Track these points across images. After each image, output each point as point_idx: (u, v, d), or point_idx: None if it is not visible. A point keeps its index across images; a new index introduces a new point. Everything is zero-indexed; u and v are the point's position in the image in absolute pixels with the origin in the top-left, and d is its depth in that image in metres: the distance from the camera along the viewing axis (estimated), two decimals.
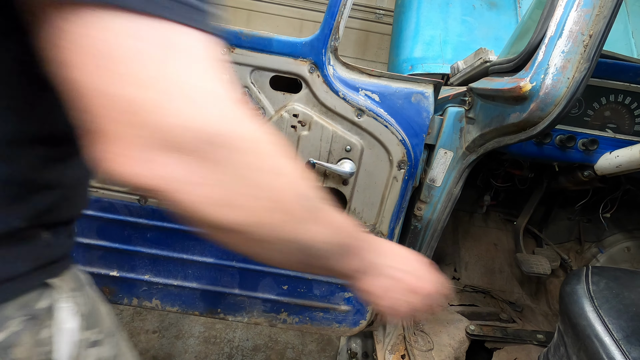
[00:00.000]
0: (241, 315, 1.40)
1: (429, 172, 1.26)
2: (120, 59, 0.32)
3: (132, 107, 0.32)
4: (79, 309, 0.55)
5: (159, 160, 0.33)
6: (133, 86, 0.32)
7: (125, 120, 0.32)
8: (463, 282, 1.87)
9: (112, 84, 0.31)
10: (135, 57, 0.32)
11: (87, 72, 0.32)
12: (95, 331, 0.59)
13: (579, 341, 0.94)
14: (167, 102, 0.32)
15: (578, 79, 0.90)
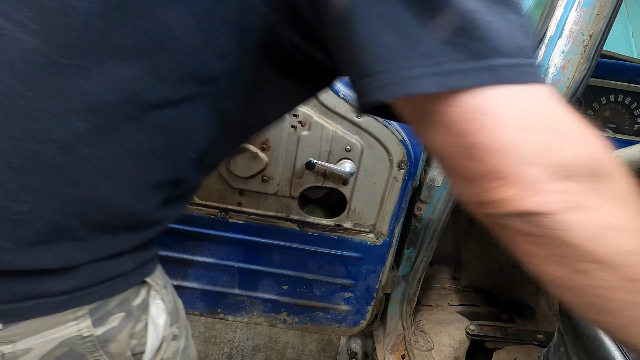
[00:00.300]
0: (241, 315, 1.40)
1: (429, 172, 1.26)
2: (514, 118, 0.36)
3: (532, 151, 0.36)
4: (166, 305, 0.60)
5: (553, 188, 0.36)
6: (532, 134, 0.36)
7: (528, 163, 0.36)
8: (463, 282, 1.87)
9: (517, 138, 0.36)
10: (524, 114, 0.36)
11: (495, 134, 0.36)
12: (176, 326, 0.63)
13: (579, 341, 0.94)
14: (559, 140, 0.36)
15: (578, 79, 0.90)
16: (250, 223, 1.24)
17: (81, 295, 0.49)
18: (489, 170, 0.37)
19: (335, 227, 1.25)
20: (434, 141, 0.40)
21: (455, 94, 0.36)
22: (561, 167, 0.36)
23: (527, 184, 0.36)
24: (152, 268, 0.58)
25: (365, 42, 0.37)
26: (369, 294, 1.37)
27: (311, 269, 1.32)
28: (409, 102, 0.41)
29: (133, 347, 0.56)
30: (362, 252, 1.29)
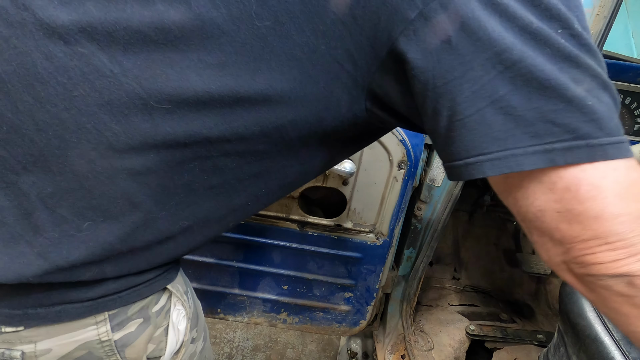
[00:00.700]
0: (241, 315, 1.40)
1: (429, 172, 1.26)
2: (618, 190, 0.40)
3: (634, 219, 0.40)
4: (187, 311, 0.61)
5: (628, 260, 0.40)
6: (635, 204, 0.40)
7: (630, 230, 0.39)
8: (463, 282, 1.87)
9: (622, 208, 0.40)
10: (627, 186, 0.40)
11: (603, 204, 0.40)
12: (195, 330, 0.65)
13: (579, 341, 0.94)
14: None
15: None
16: (250, 223, 1.24)
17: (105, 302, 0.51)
18: (595, 235, 0.40)
19: (335, 227, 1.25)
20: (532, 207, 0.43)
21: (568, 167, 0.40)
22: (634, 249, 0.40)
23: (631, 248, 0.39)
24: (173, 274, 0.59)
25: (473, 123, 0.40)
26: (369, 294, 1.37)
27: (311, 269, 1.32)
28: (515, 175, 0.43)
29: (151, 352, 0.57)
30: (362, 252, 1.29)
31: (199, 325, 0.68)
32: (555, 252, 0.44)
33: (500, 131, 0.39)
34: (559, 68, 0.38)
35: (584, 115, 0.39)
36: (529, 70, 0.38)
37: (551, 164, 0.39)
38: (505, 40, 0.38)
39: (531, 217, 0.44)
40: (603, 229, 0.40)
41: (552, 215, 0.42)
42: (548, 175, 0.40)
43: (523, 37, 0.38)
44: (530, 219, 0.44)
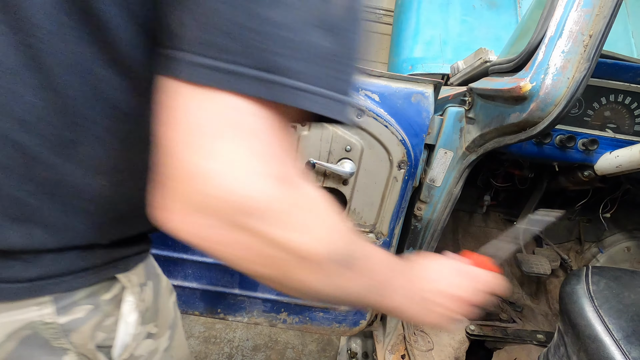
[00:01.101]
0: (241, 315, 1.40)
1: (429, 172, 1.26)
2: (199, 133, 0.37)
3: (193, 173, 0.37)
4: (140, 304, 0.60)
5: (198, 222, 0.38)
6: (198, 157, 0.37)
7: (183, 182, 0.37)
8: None
9: (185, 152, 0.37)
10: (209, 134, 0.37)
11: (171, 135, 0.38)
12: (153, 324, 0.64)
13: (579, 341, 0.94)
14: (216, 176, 0.37)
15: (578, 79, 0.90)
16: None
17: (45, 285, 0.50)
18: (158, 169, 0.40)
19: None
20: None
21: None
22: (210, 204, 0.38)
23: (177, 206, 0.39)
24: (129, 264, 0.58)
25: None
26: None
27: None
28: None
29: (101, 341, 0.56)
30: None
31: (160, 321, 0.66)
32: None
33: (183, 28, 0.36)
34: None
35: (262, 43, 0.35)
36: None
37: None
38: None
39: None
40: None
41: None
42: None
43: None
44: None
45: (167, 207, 0.39)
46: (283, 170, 0.41)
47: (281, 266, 0.43)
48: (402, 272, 0.59)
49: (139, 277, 0.60)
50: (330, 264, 0.46)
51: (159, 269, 0.70)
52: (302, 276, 0.45)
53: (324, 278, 0.47)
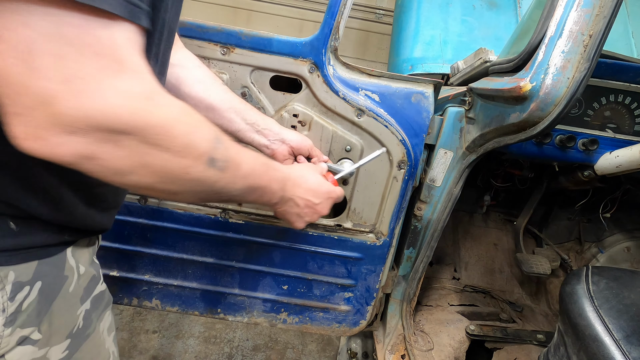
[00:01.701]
0: (241, 315, 1.40)
1: (429, 172, 1.26)
2: (36, 54, 0.37)
3: (43, 97, 0.38)
4: (6, 304, 0.53)
5: (66, 141, 0.40)
6: (44, 80, 0.37)
7: (36, 108, 0.38)
8: (463, 282, 1.87)
9: (27, 77, 0.37)
10: (49, 53, 0.37)
11: (6, 63, 0.37)
12: (30, 329, 0.57)
13: (579, 341, 0.94)
14: (73, 95, 0.39)
15: (578, 79, 0.90)
16: (250, 223, 1.24)
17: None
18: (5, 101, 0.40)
19: (335, 227, 1.25)
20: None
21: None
22: (73, 122, 0.40)
23: (40, 129, 0.40)
24: (10, 259, 0.53)
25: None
26: (369, 294, 1.37)
27: (311, 269, 1.32)
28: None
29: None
30: (362, 252, 1.29)
31: (50, 327, 0.60)
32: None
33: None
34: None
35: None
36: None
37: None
38: None
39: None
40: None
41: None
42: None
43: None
44: None
45: (35, 135, 0.39)
46: (144, 87, 0.45)
47: (158, 173, 0.48)
48: (278, 178, 0.71)
49: (20, 274, 0.54)
50: (207, 169, 0.52)
51: (74, 271, 0.64)
52: (180, 181, 0.50)
53: (201, 181, 0.53)
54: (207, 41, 1.02)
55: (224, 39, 1.02)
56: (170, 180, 0.50)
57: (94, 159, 0.43)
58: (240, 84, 1.07)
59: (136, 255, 1.30)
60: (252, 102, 1.08)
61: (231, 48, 1.03)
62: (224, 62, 1.04)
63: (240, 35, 1.02)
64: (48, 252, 0.58)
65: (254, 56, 1.04)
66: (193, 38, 1.02)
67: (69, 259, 0.63)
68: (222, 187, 0.56)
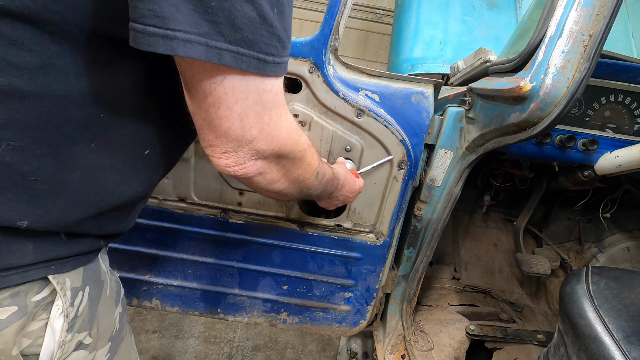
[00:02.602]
0: (241, 315, 1.40)
1: (429, 172, 1.26)
2: (246, 115, 0.53)
3: (245, 140, 0.55)
4: (69, 310, 0.56)
5: (251, 164, 0.59)
6: (248, 130, 0.55)
7: (239, 146, 0.56)
8: (463, 282, 1.87)
9: (241, 129, 0.54)
10: (252, 114, 0.54)
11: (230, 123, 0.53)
12: (84, 334, 0.60)
13: (579, 341, 0.94)
14: (263, 138, 0.57)
15: (578, 79, 0.90)
16: (250, 223, 1.24)
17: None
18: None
19: (335, 227, 1.25)
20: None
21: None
22: (258, 151, 0.58)
23: (235, 155, 0.56)
24: (65, 267, 0.56)
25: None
26: (369, 294, 1.37)
27: (311, 269, 1.32)
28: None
29: (26, 347, 0.53)
30: (362, 252, 1.29)
31: (98, 331, 0.63)
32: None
33: (182, 11, 0.43)
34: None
35: (235, 21, 0.46)
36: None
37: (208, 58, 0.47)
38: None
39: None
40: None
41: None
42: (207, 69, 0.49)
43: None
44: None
45: (240, 163, 0.57)
46: (295, 124, 0.63)
47: (292, 182, 0.69)
48: (337, 184, 0.92)
49: (74, 280, 0.58)
50: (314, 178, 0.76)
51: (107, 275, 0.67)
52: (299, 187, 0.73)
53: (309, 185, 0.75)
54: None
55: None
56: (296, 186, 0.71)
57: (264, 173, 0.62)
58: None
59: (136, 255, 1.30)
60: None
61: None
62: None
63: None
64: (89, 258, 0.61)
65: None
66: None
67: (101, 265, 0.66)
68: (314, 189, 0.78)
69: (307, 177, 0.72)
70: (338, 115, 1.09)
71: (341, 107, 1.08)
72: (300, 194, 0.76)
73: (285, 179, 0.67)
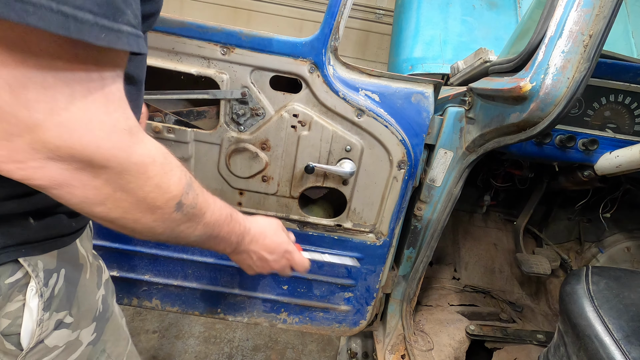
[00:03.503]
0: (241, 315, 1.40)
1: (429, 172, 1.26)
2: (23, 86, 0.38)
3: (24, 124, 0.39)
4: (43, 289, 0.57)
5: (39, 165, 0.41)
6: (28, 109, 0.39)
7: (16, 133, 0.39)
8: (463, 282, 1.87)
9: (14, 106, 0.38)
10: (36, 85, 0.39)
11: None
12: (64, 313, 0.62)
13: (579, 341, 0.94)
14: (55, 126, 0.40)
15: (578, 79, 0.90)
16: None
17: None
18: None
19: (335, 227, 1.25)
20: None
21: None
22: (54, 151, 0.41)
23: (21, 155, 0.41)
24: (36, 250, 0.57)
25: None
26: (369, 294, 1.37)
27: (311, 269, 1.32)
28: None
29: (5, 328, 0.55)
30: (362, 252, 1.29)
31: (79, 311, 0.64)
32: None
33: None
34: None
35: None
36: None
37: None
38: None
39: None
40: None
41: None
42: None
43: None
44: None
45: (17, 159, 0.41)
46: (128, 123, 0.45)
47: (126, 209, 0.49)
48: (238, 231, 0.71)
49: (47, 262, 0.59)
50: (175, 213, 0.53)
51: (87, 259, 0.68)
52: (144, 220, 0.51)
53: (166, 223, 0.53)
54: (207, 41, 1.02)
55: (224, 39, 1.02)
56: (134, 218, 0.50)
57: (67, 186, 0.44)
58: (240, 84, 1.07)
59: (136, 255, 1.30)
60: (252, 102, 1.08)
61: (231, 48, 1.03)
62: (224, 62, 1.04)
63: (240, 35, 1.02)
64: (63, 241, 0.62)
65: (254, 56, 1.04)
66: (193, 38, 1.02)
67: (80, 249, 0.67)
68: (181, 231, 0.57)
69: (155, 207, 0.50)
70: (338, 115, 1.09)
71: (341, 107, 1.08)
72: (157, 234, 0.54)
73: (111, 202, 0.47)
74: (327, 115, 1.10)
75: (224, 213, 0.65)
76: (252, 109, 1.09)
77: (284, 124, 1.10)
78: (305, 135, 1.11)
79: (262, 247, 0.79)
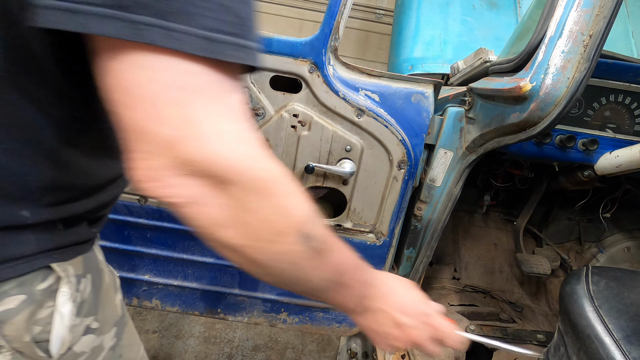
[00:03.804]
0: (241, 315, 1.40)
1: (429, 172, 1.26)
2: (156, 102, 0.39)
3: (162, 142, 0.39)
4: (75, 295, 0.58)
5: (177, 182, 0.41)
6: (164, 126, 0.39)
7: (155, 151, 0.40)
8: (463, 282, 1.87)
9: (149, 123, 0.39)
10: (167, 101, 0.39)
11: (129, 111, 0.39)
12: (91, 319, 0.62)
13: (579, 341, 0.94)
14: (191, 139, 0.40)
15: (578, 79, 0.90)
16: None
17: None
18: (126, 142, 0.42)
19: (335, 227, 1.25)
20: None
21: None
22: (188, 166, 0.40)
23: (156, 170, 0.40)
24: (65, 255, 0.57)
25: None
26: None
27: None
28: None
29: (36, 334, 0.54)
30: (362, 252, 1.28)
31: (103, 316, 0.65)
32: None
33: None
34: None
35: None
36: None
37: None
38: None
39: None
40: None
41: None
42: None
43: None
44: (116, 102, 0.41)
45: (155, 177, 0.41)
46: (253, 135, 0.44)
47: (249, 234, 0.44)
48: (368, 283, 0.58)
49: (76, 268, 0.59)
50: (300, 244, 0.46)
51: (104, 264, 0.69)
52: (268, 249, 0.45)
53: (290, 256, 0.47)
54: None
55: None
56: (258, 247, 0.44)
57: (198, 204, 0.42)
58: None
59: (136, 255, 1.30)
60: (252, 102, 1.08)
61: None
62: None
63: None
64: (86, 247, 0.63)
65: None
66: None
67: (97, 254, 0.68)
68: (305, 272, 0.49)
69: (279, 229, 0.44)
70: (338, 115, 1.09)
71: (341, 107, 1.08)
72: (287, 270, 0.47)
73: (237, 224, 0.43)
74: (327, 115, 1.10)
75: (351, 255, 0.54)
76: (252, 109, 1.09)
77: (284, 124, 1.10)
78: (305, 135, 1.11)
79: (392, 306, 0.61)
